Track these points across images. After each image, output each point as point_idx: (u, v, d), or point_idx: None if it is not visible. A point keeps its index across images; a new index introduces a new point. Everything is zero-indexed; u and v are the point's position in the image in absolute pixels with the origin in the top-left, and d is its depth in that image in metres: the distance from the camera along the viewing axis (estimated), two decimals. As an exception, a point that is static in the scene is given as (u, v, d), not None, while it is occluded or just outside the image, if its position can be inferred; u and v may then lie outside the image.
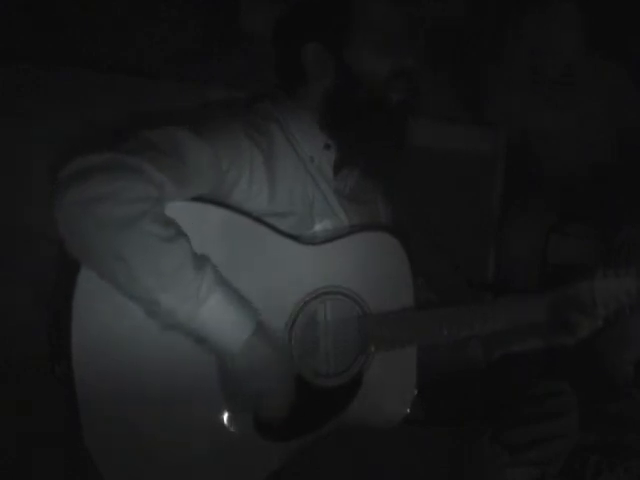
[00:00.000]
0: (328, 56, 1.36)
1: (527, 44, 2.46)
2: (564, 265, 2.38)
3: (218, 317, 1.14)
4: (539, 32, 2.44)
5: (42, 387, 1.30)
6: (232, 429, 1.23)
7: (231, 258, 1.21)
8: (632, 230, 2.20)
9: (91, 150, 1.10)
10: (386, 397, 1.39)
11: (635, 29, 2.58)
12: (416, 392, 1.41)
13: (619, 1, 2.58)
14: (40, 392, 1.41)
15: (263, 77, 1.49)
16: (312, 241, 1.33)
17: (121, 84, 1.76)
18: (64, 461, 1.38)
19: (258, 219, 1.27)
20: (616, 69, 2.51)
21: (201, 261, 1.14)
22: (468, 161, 2.43)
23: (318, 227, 1.36)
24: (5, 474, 1.60)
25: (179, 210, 1.17)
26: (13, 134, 1.66)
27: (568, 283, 1.50)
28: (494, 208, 2.52)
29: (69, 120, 1.67)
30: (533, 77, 2.54)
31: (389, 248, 1.38)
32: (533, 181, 2.56)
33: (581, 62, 2.51)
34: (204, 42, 1.95)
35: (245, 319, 1.17)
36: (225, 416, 1.23)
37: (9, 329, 1.58)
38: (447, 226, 2.26)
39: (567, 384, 1.48)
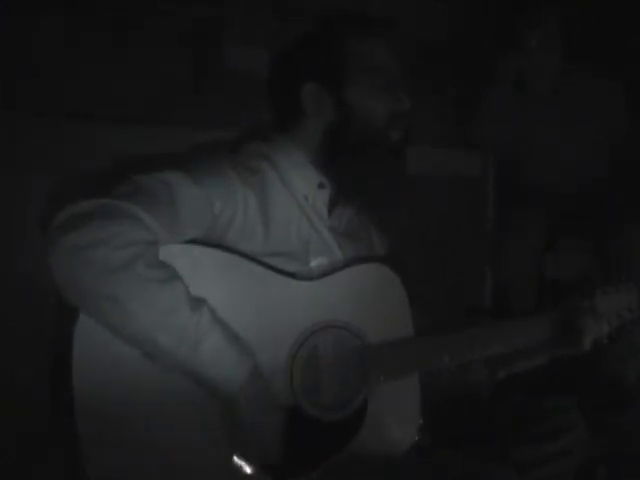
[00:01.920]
0: (327, 96, 1.38)
1: (513, 62, 2.49)
2: (562, 281, 2.39)
3: (216, 357, 1.14)
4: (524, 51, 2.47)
5: (44, 438, 1.29)
6: (237, 469, 1.22)
7: (228, 298, 1.22)
8: (625, 238, 2.22)
9: (83, 197, 1.12)
10: (392, 426, 1.38)
11: (621, 42, 2.62)
12: (421, 421, 1.41)
13: (604, 15, 2.63)
14: (42, 444, 1.40)
15: (250, 117, 1.50)
16: (309, 276, 1.33)
17: (106, 131, 1.77)
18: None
19: (253, 258, 1.27)
20: (604, 82, 2.54)
21: (197, 302, 1.14)
22: (457, 184, 2.46)
23: (314, 264, 1.37)
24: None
25: (174, 253, 1.18)
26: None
27: (569, 302, 1.51)
28: (487, 229, 2.54)
29: (55, 169, 1.67)
30: (520, 94, 2.57)
31: (385, 279, 1.38)
32: (526, 198, 2.58)
33: (568, 77, 2.54)
34: (189, 85, 1.97)
35: (243, 359, 1.17)
36: (231, 456, 1.22)
37: (10, 379, 1.58)
38: (442, 250, 2.28)
39: (572, 400, 1.48)
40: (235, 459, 1.22)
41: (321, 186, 1.41)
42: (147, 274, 1.09)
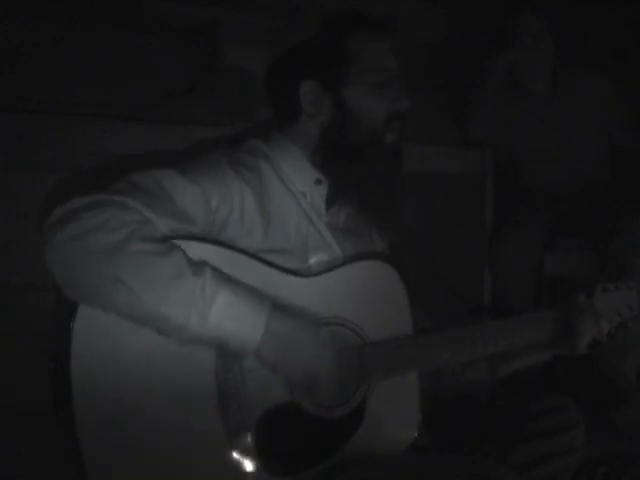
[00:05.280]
0: (325, 95, 1.37)
1: (507, 61, 2.50)
2: (561, 279, 2.39)
3: (230, 314, 1.13)
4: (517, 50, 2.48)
5: (44, 436, 1.29)
6: (237, 467, 1.22)
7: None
8: (625, 238, 2.22)
9: (77, 194, 1.12)
10: (391, 424, 1.38)
11: (619, 41, 2.63)
12: (421, 417, 1.41)
13: (601, 14, 2.63)
14: (41, 442, 1.40)
15: (248, 115, 1.50)
16: (308, 273, 1.33)
17: (105, 130, 1.77)
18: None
19: (252, 255, 1.27)
20: (604, 82, 2.54)
21: (199, 266, 1.14)
22: (457, 183, 2.46)
23: (313, 261, 1.37)
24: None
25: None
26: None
27: (568, 301, 1.51)
28: (486, 228, 2.54)
29: (53, 167, 1.68)
30: (516, 95, 2.57)
31: (385, 276, 1.39)
32: (524, 197, 2.58)
33: (564, 76, 2.55)
34: (187, 83, 1.97)
35: (258, 307, 1.16)
36: (230, 454, 1.22)
37: (9, 379, 1.58)
38: (440, 249, 2.28)
39: (571, 399, 1.48)
40: (235, 456, 1.22)
41: (318, 182, 1.41)
42: (143, 249, 1.10)
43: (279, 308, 1.20)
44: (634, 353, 2.20)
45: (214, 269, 1.15)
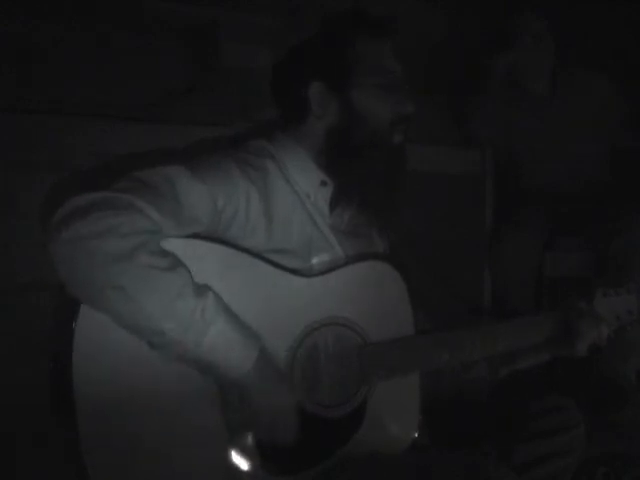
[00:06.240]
0: (332, 96, 1.37)
1: (506, 62, 2.50)
2: (561, 279, 2.39)
3: (224, 342, 1.14)
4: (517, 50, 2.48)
5: (44, 436, 1.29)
6: (237, 466, 1.22)
7: (229, 294, 1.21)
8: (625, 238, 2.22)
9: (84, 191, 1.12)
10: (392, 424, 1.39)
11: (616, 39, 2.63)
12: (420, 417, 1.41)
13: (600, 15, 2.64)
14: (41, 442, 1.40)
15: (248, 114, 1.49)
16: (310, 273, 1.33)
17: (106, 130, 1.77)
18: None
19: (256, 254, 1.27)
20: (603, 81, 2.54)
21: (202, 289, 1.15)
22: (457, 183, 2.46)
23: (315, 261, 1.37)
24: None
25: (176, 247, 1.18)
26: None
27: (568, 303, 1.51)
28: (486, 228, 2.54)
29: (53, 167, 1.67)
30: (516, 95, 2.58)
31: (386, 277, 1.39)
32: (524, 197, 2.58)
33: (564, 76, 2.55)
34: (187, 83, 1.97)
35: (251, 341, 1.18)
36: (230, 453, 1.22)
37: (9, 379, 1.57)
38: (440, 249, 2.28)
39: (571, 399, 1.49)
40: (235, 456, 1.22)
41: (323, 184, 1.41)
42: (151, 262, 1.10)
43: (266, 351, 1.21)
44: (634, 356, 2.20)
45: (215, 294, 1.16)
